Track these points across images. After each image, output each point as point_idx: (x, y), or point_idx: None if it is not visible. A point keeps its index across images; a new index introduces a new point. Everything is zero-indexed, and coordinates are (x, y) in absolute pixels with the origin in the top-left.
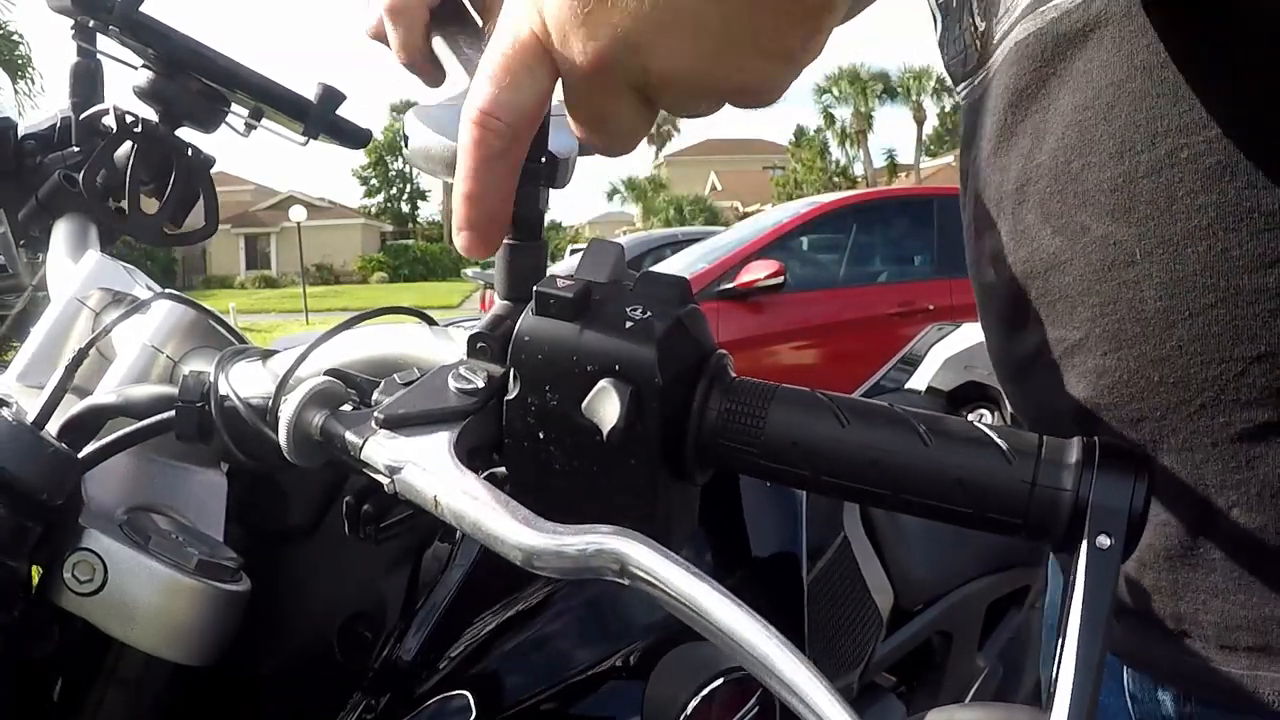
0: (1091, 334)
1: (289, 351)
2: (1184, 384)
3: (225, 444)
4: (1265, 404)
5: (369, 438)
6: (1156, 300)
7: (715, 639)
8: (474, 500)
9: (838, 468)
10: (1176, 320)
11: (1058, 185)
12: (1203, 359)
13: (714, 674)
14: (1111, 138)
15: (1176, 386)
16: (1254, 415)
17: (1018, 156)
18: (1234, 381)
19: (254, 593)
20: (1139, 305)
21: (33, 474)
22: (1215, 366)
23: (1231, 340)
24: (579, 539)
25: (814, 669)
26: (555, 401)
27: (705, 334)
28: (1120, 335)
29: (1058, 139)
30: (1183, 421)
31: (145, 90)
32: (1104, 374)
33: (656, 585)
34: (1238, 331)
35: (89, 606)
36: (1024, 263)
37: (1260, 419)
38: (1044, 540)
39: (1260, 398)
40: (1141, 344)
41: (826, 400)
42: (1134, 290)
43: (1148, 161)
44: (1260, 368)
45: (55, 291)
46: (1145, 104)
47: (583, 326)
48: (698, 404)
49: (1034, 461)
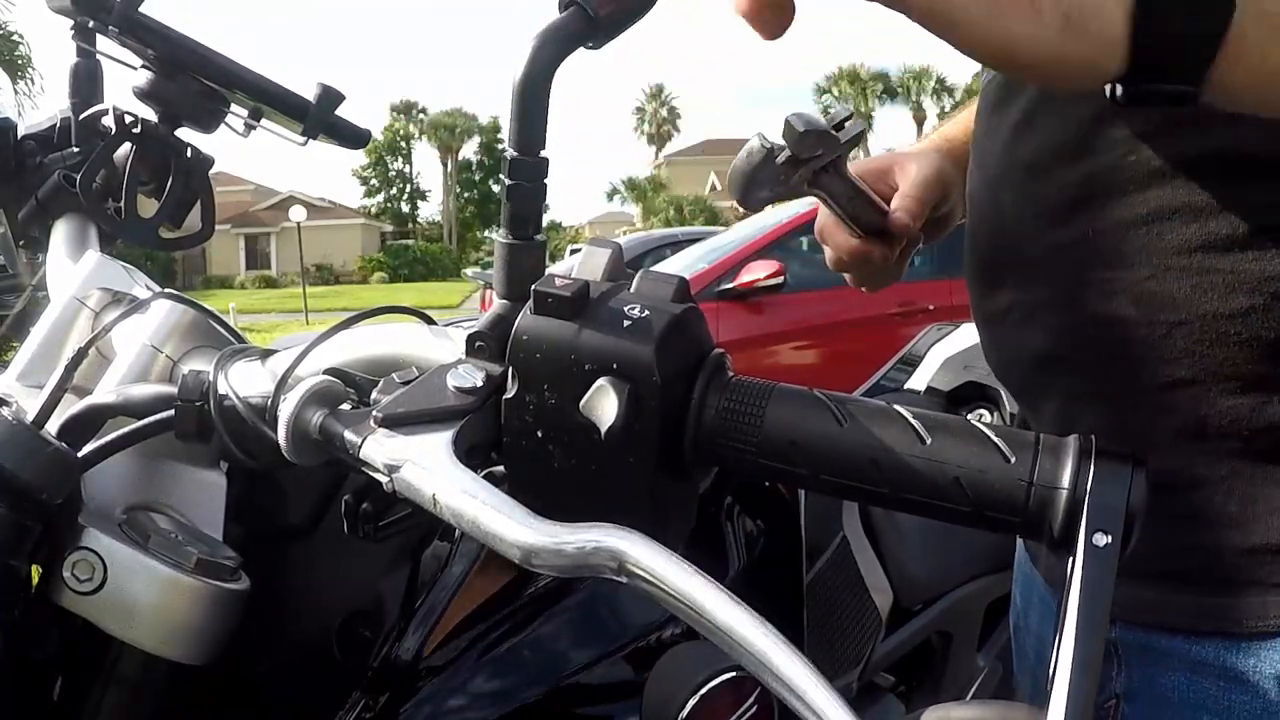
0: (1052, 298)
1: (288, 351)
2: (1121, 341)
3: (224, 443)
4: (1182, 362)
5: (368, 436)
6: (1103, 273)
7: (713, 636)
8: (472, 499)
9: (835, 466)
10: (1118, 289)
11: (1031, 177)
12: (1136, 322)
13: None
14: (1069, 144)
15: (1115, 343)
16: (1173, 371)
17: (1001, 146)
18: (1159, 342)
19: (253, 592)
20: (1089, 276)
21: (32, 473)
22: (1145, 328)
23: (1160, 308)
24: (577, 537)
25: (812, 667)
26: (553, 400)
27: (704, 333)
28: (1074, 301)
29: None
30: (1118, 373)
31: (145, 90)
32: (1059, 330)
33: (654, 583)
34: (1165, 301)
35: (88, 605)
36: (1000, 236)
37: (1177, 374)
38: (1040, 538)
39: (1179, 356)
40: (1090, 308)
41: (824, 399)
42: (1086, 265)
43: (1101, 164)
44: (1181, 331)
45: (55, 291)
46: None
47: (581, 325)
48: (695, 402)
49: (1031, 459)
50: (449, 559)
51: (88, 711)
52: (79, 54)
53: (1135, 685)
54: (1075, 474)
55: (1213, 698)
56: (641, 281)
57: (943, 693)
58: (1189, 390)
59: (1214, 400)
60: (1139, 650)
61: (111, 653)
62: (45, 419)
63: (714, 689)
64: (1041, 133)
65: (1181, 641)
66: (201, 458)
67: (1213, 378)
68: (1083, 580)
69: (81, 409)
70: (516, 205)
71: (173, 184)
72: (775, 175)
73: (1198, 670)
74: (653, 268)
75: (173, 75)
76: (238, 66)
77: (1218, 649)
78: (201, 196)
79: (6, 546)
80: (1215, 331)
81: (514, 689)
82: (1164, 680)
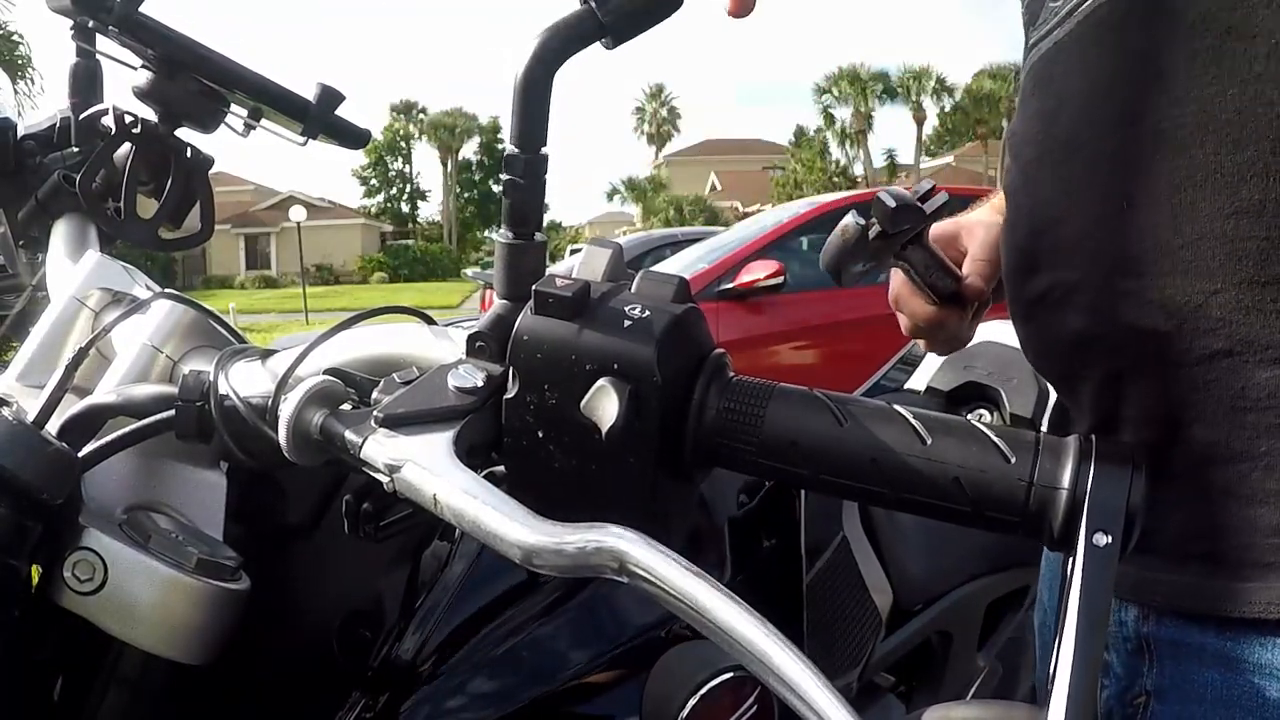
0: (1087, 276)
1: (288, 351)
2: (1157, 314)
3: (225, 443)
4: (1219, 332)
5: (368, 436)
6: (1138, 245)
7: (714, 636)
8: (473, 499)
9: (836, 466)
10: (1153, 261)
11: (1066, 155)
12: (1171, 293)
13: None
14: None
15: (1151, 316)
16: (1209, 343)
17: (1037, 129)
18: (1195, 312)
19: (253, 592)
20: (1125, 250)
21: (33, 473)
22: (1182, 297)
23: (1195, 277)
24: (578, 536)
25: (813, 667)
26: (554, 400)
27: (704, 333)
28: (1109, 276)
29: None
30: (1154, 348)
31: (145, 90)
32: (1096, 309)
33: (655, 583)
34: (1200, 270)
35: (89, 606)
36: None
37: (1214, 346)
38: (1041, 538)
39: (1215, 327)
40: (1125, 283)
41: (824, 399)
42: (1121, 239)
43: (1134, 135)
44: (1216, 300)
45: (55, 291)
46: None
47: (581, 325)
48: (696, 403)
49: (1031, 460)
50: (449, 559)
51: (88, 711)
52: (78, 54)
53: (1166, 682)
54: (1075, 474)
55: (1248, 694)
56: (642, 282)
57: (943, 693)
58: (1226, 362)
59: (1251, 372)
60: (1171, 645)
61: (111, 653)
62: (46, 419)
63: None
64: (1076, 108)
65: (1215, 636)
66: (202, 458)
67: (1249, 348)
68: (1083, 580)
69: (82, 409)
70: (516, 202)
71: (172, 184)
72: (867, 250)
73: (1233, 666)
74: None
75: (173, 75)
76: (238, 66)
77: (1253, 642)
78: (201, 197)
79: (7, 546)
80: (1251, 300)
81: (514, 689)
82: (1197, 676)
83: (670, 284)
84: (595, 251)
